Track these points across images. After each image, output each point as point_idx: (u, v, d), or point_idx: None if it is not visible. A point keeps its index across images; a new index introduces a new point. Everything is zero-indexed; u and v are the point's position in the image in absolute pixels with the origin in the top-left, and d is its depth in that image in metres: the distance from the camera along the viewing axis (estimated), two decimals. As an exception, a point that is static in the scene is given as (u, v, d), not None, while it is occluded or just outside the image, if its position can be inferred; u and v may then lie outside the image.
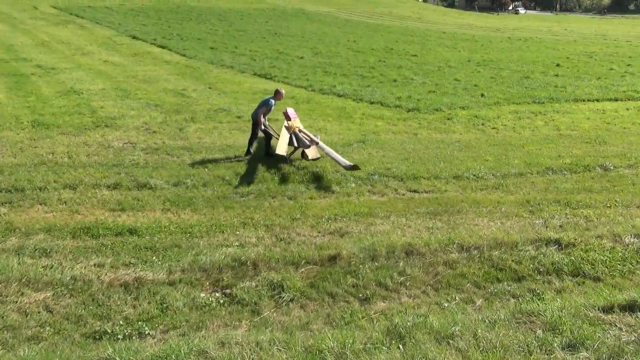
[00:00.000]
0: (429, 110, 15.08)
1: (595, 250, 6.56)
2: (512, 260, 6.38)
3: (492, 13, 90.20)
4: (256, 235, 7.13)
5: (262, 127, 10.66)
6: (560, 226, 7.53)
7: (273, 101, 10.76)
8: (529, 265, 6.28)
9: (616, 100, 17.48)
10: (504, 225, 7.60)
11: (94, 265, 6.09)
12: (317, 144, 10.32)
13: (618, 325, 4.18)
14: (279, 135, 10.65)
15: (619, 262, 6.34)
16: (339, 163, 9.63)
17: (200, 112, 14.03)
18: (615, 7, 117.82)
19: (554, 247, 6.67)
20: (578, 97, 17.60)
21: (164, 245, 6.68)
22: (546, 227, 7.46)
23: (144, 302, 5.43)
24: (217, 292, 5.70)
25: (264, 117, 10.71)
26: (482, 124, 13.85)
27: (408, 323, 4.57)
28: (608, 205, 8.40)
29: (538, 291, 5.74)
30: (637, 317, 4.33)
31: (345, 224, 7.54)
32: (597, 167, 10.36)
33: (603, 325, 4.21)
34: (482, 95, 17.45)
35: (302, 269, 6.13)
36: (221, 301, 5.51)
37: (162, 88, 17.16)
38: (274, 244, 6.86)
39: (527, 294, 5.70)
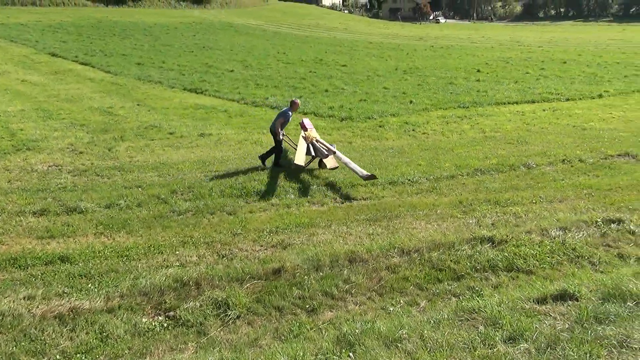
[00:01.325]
0: (362, 119, 15.40)
1: (525, 245, 6.91)
2: (451, 260, 6.59)
3: (415, 23, 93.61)
4: (197, 253, 6.97)
5: (280, 137, 10.76)
6: (492, 224, 7.88)
7: (290, 112, 10.94)
8: (467, 264, 6.52)
9: (533, 102, 18.61)
10: (441, 226, 7.86)
11: (24, 298, 5.70)
12: (334, 153, 10.50)
13: (552, 315, 4.42)
14: (296, 146, 10.87)
15: (547, 255, 6.71)
16: (357, 173, 9.80)
17: (129, 130, 13.57)
18: (526, 15, 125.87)
19: (488, 245, 6.96)
20: (499, 100, 18.59)
21: (100, 271, 6.37)
22: (479, 226, 7.78)
23: (81, 333, 5.14)
24: (160, 315, 5.50)
25: (281, 128, 10.80)
26: (413, 130, 14.30)
27: (356, 330, 4.61)
28: (534, 201, 8.89)
29: (477, 288, 5.96)
30: (569, 305, 4.60)
31: (287, 236, 7.52)
32: (521, 166, 10.95)
33: (539, 316, 4.43)
34: (411, 102, 18.05)
35: (247, 285, 6.05)
36: (165, 325, 5.33)
37: (87, 107, 16.47)
38: (216, 261, 6.72)
39: (467, 291, 5.90)
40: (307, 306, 5.69)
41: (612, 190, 9.27)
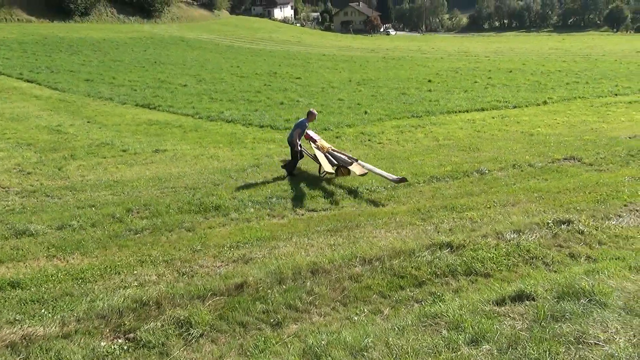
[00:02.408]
0: (318, 130, 15.49)
1: (482, 249, 7.08)
2: (412, 267, 6.68)
3: (367, 35, 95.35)
4: (156, 272, 6.79)
5: (298, 148, 10.87)
6: (450, 230, 8.05)
7: (307, 122, 11.09)
8: (427, 270, 6.62)
9: (483, 110, 19.24)
10: (400, 234, 7.97)
11: (-29, 328, 5.40)
12: (356, 160, 10.80)
13: (511, 316, 4.55)
14: (312, 156, 11.23)
15: (504, 258, 6.90)
16: (386, 177, 10.08)
17: (80, 148, 13.17)
18: (472, 26, 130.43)
19: (447, 250, 7.10)
20: (450, 109, 19.12)
21: (53, 295, 6.11)
22: (438, 232, 7.93)
23: (35, 361, 4.91)
24: (120, 338, 5.32)
25: (299, 138, 10.92)
26: (369, 140, 14.50)
27: (322, 342, 4.60)
28: (488, 206, 9.15)
29: (438, 293, 6.06)
30: (526, 305, 4.74)
31: (249, 250, 7.45)
32: (475, 172, 11.27)
33: (499, 318, 4.54)
34: (366, 112, 18.31)
35: (209, 302, 5.93)
36: (125, 347, 5.15)
37: (33, 125, 15.89)
38: (176, 279, 6.57)
39: (429, 297, 5.99)
40: (272, 320, 5.64)
41: (561, 193, 9.66)
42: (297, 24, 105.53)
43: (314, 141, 11.72)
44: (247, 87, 24.84)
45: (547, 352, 3.62)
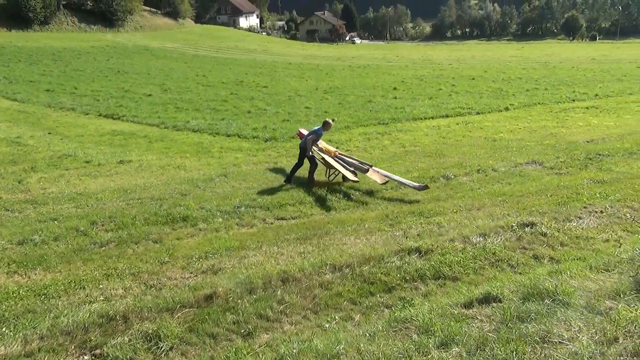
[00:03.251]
0: (286, 139, 15.51)
1: (450, 253, 7.19)
2: (381, 273, 6.73)
3: (332, 43, 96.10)
4: (123, 285, 6.64)
5: (310, 154, 11.02)
6: (418, 235, 8.15)
7: (322, 131, 11.18)
8: (397, 275, 6.68)
9: (447, 116, 19.62)
10: (369, 240, 8.02)
11: None
12: (371, 166, 11.03)
13: (479, 318, 4.63)
14: (324, 162, 11.38)
15: (471, 261, 7.03)
16: (407, 185, 10.25)
17: (41, 160, 12.81)
18: (435, 35, 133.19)
19: (416, 255, 7.18)
20: (416, 116, 19.43)
21: (15, 313, 5.90)
22: (406, 238, 8.01)
23: (-4, 382, 4.74)
24: (86, 354, 5.17)
25: (312, 144, 11.19)
26: (337, 147, 14.56)
27: (294, 350, 4.59)
28: (454, 210, 9.31)
29: (408, 298, 6.12)
30: (493, 307, 4.84)
31: (218, 261, 7.37)
32: (441, 178, 11.46)
33: (467, 320, 4.62)
34: (333, 120, 18.41)
35: (178, 314, 5.83)
36: (91, 364, 5.02)
37: (-9, 137, 15.38)
38: (143, 293, 6.44)
39: (399, 302, 6.04)
40: (242, 331, 5.58)
41: (524, 196, 9.91)
42: (263, 33, 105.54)
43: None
44: (213, 96, 24.67)
45: (514, 352, 3.70)
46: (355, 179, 10.72)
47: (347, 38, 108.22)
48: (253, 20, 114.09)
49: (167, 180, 11.38)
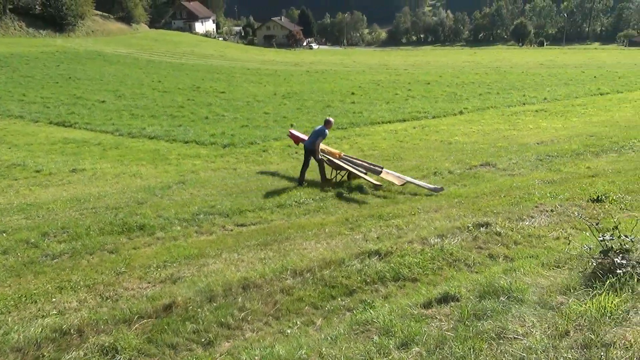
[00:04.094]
0: (244, 145, 15.41)
1: (409, 255, 7.30)
2: (342, 276, 6.77)
3: (290, 49, 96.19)
4: (77, 298, 6.43)
5: (319, 156, 11.10)
6: (378, 238, 8.23)
7: (327, 130, 11.11)
8: (357, 278, 6.73)
9: (404, 120, 19.96)
10: (330, 244, 8.05)
11: None
12: (382, 168, 11.32)
13: (438, 317, 4.72)
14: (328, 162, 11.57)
15: (429, 262, 7.15)
16: (424, 187, 10.50)
17: (-13, 171, 12.27)
18: (391, 40, 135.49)
19: (376, 258, 7.25)
20: (373, 120, 19.69)
21: (-40, 330, 5.62)
22: (366, 241, 8.09)
23: (-60, 404, 4.49)
24: (38, 371, 4.98)
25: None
26: (296, 152, 14.58)
27: (256, 358, 4.55)
28: (412, 213, 9.47)
29: (368, 301, 6.17)
30: (451, 306, 4.94)
31: (177, 269, 7.23)
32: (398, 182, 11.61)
33: (426, 320, 4.70)
34: (292, 125, 18.44)
35: (136, 325, 5.69)
36: (44, 381, 4.83)
37: None
38: (99, 305, 6.25)
39: (360, 305, 6.08)
40: (203, 340, 5.50)
41: (479, 197, 10.18)
42: (220, 38, 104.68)
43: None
44: (169, 102, 24.26)
45: (472, 349, 3.79)
46: (379, 183, 11.03)
47: (305, 43, 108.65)
48: (209, 26, 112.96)
49: (123, 189, 11.10)
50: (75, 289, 6.66)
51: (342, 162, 11.58)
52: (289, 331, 5.61)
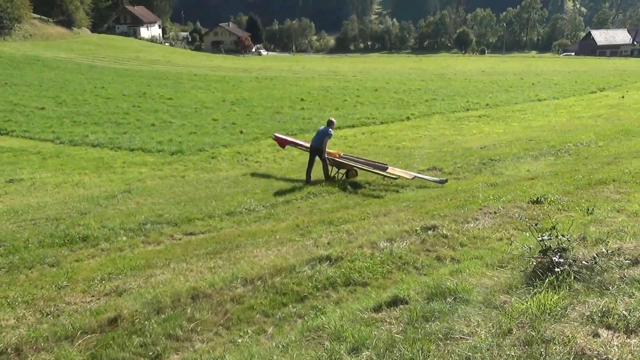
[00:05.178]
0: (193, 152, 15.16)
1: (359, 259, 7.36)
2: (293, 283, 6.74)
3: (238, 55, 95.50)
4: (14, 315, 6.11)
5: (325, 155, 11.81)
6: (328, 243, 8.27)
7: (331, 130, 11.98)
8: (308, 285, 6.72)
9: (353, 126, 20.21)
10: (281, 251, 8.02)
11: None
12: (386, 165, 11.76)
13: (388, 321, 4.78)
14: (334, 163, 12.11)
15: (379, 266, 7.23)
16: (430, 180, 10.94)
17: None
18: (340, 47, 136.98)
19: (327, 263, 7.27)
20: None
21: None
22: (317, 247, 8.10)
23: None
24: (-29, 394, 4.69)
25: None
26: (246, 159, 14.48)
27: (206, 369, 4.46)
28: (362, 218, 9.57)
29: (320, 306, 6.16)
30: (401, 309, 5.02)
31: (122, 281, 7.00)
32: (348, 186, 11.74)
33: (376, 324, 4.75)
34: (241, 132, 18.30)
35: (79, 341, 5.46)
36: (-22, 405, 4.56)
37: None
38: (39, 321, 5.96)
39: (311, 311, 6.07)
40: (151, 353, 5.34)
41: (426, 201, 10.41)
42: (166, 44, 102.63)
43: (296, 145, 12.96)
44: (114, 108, 23.54)
45: (420, 351, 3.86)
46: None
47: (253, 50, 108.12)
48: (155, 31, 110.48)
49: (64, 199, 10.66)
50: (12, 306, 6.33)
51: (352, 161, 12.24)
52: (239, 340, 5.53)
